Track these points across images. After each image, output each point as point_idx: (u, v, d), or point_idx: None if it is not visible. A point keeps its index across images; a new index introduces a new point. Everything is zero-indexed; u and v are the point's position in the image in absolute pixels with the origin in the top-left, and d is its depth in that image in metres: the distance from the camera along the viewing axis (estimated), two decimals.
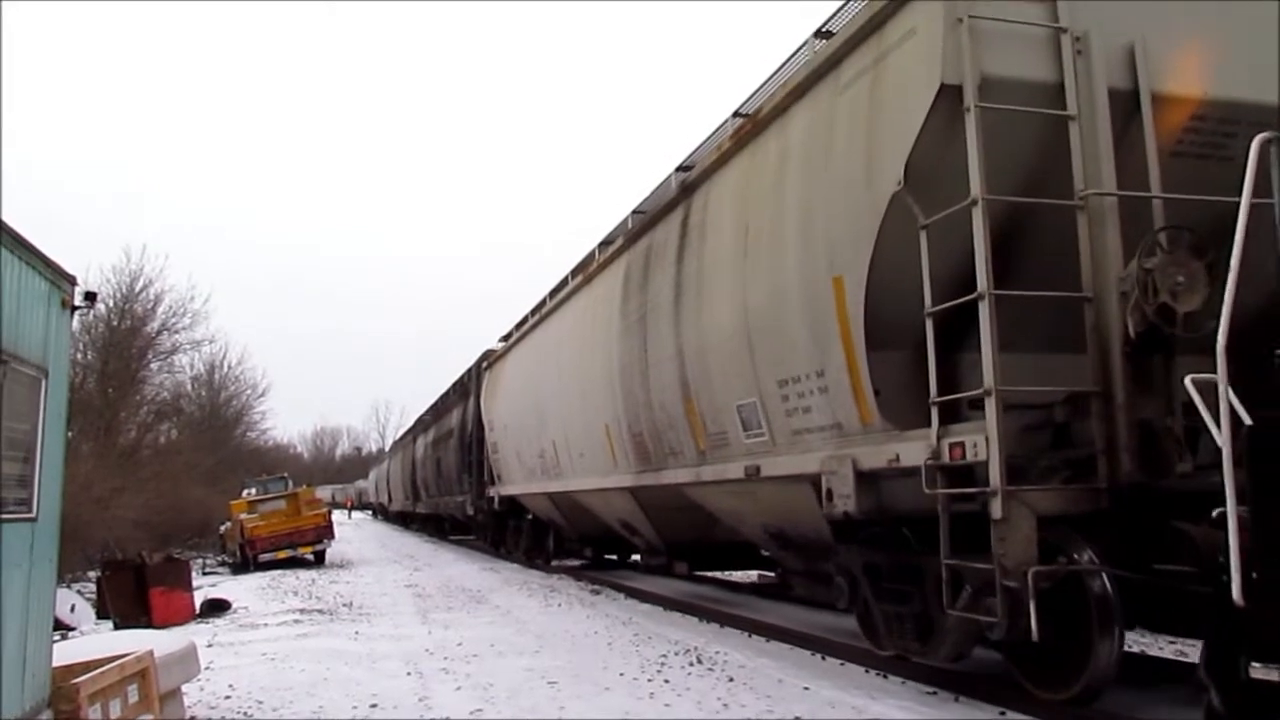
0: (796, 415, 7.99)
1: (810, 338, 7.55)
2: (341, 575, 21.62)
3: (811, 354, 7.56)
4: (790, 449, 8.21)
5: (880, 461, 6.88)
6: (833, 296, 7.11)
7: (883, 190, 6.54)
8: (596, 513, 15.78)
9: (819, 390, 7.54)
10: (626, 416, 12.26)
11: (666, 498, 12.02)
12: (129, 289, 32.00)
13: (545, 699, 7.71)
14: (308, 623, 13.43)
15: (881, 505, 7.16)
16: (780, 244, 7.99)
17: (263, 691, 8.43)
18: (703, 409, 9.81)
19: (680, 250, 10.27)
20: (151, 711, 6.44)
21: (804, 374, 7.71)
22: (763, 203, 8.39)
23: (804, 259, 7.60)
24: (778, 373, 8.11)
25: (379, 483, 60.79)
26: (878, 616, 7.58)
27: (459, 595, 16.17)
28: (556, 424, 15.95)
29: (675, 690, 7.85)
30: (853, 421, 7.21)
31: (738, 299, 8.72)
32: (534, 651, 10.01)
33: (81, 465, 20.19)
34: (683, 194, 10.59)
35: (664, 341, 10.60)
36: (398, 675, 9.00)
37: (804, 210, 7.63)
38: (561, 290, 16.65)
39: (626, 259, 12.62)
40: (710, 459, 9.94)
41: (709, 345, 9.41)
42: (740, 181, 9.06)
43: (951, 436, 6.18)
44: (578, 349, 14.67)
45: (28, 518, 5.50)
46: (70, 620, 13.34)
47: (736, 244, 8.83)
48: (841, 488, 7.19)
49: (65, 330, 6.23)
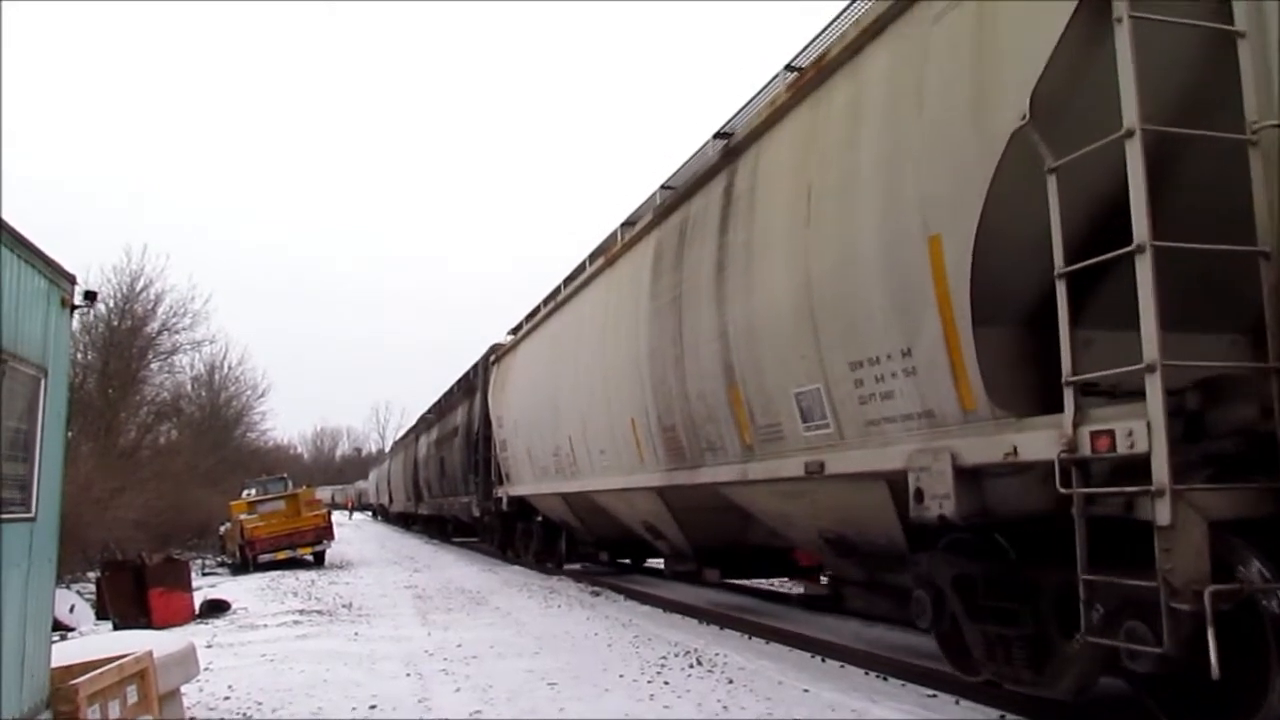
0: (872, 403, 6.65)
1: (894, 310, 6.24)
2: (341, 576, 20.98)
3: (895, 330, 6.24)
4: (863, 442, 6.88)
5: (991, 455, 5.56)
6: (927, 260, 5.82)
7: (997, 130, 5.30)
8: (617, 515, 14.15)
9: (904, 372, 6.22)
10: (656, 409, 10.75)
11: (700, 499, 10.60)
12: (129, 289, 31.41)
13: (545, 700, 7.48)
14: (307, 624, 13.01)
15: (986, 507, 5.85)
16: (853, 204, 6.67)
17: (262, 692, 8.18)
18: (750, 398, 8.37)
19: (723, 221, 8.86)
20: (151, 712, 6.30)
21: (884, 354, 6.39)
22: (830, 159, 7.08)
23: (887, 219, 6.28)
24: (849, 354, 6.77)
25: (379, 483, 58.87)
26: (973, 638, 6.29)
27: (459, 597, 15.67)
28: (573, 419, 14.29)
29: (675, 692, 7.60)
30: (950, 408, 5.89)
31: (798, 270, 7.34)
32: (534, 653, 9.72)
33: (81, 465, 19.78)
34: (726, 159, 9.17)
35: (703, 323, 9.18)
36: (397, 676, 8.75)
37: (887, 163, 6.34)
38: (579, 276, 14.93)
39: (656, 236, 11.10)
40: (759, 455, 8.50)
41: (760, 325, 8.02)
42: (799, 138, 7.67)
43: (1095, 423, 4.86)
44: (599, 337, 13.02)
45: (26, 518, 5.36)
46: (69, 621, 12.97)
47: (796, 208, 7.45)
48: (936, 487, 5.89)
49: (65, 329, 6.08)
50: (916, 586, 6.76)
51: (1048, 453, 5.07)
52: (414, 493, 37.60)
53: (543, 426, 16.10)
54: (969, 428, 5.75)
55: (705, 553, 12.00)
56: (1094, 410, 4.97)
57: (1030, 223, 5.26)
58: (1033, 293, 5.47)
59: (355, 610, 14.36)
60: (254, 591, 17.68)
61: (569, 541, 18.49)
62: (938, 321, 5.80)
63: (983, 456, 5.61)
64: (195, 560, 23.70)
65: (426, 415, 36.52)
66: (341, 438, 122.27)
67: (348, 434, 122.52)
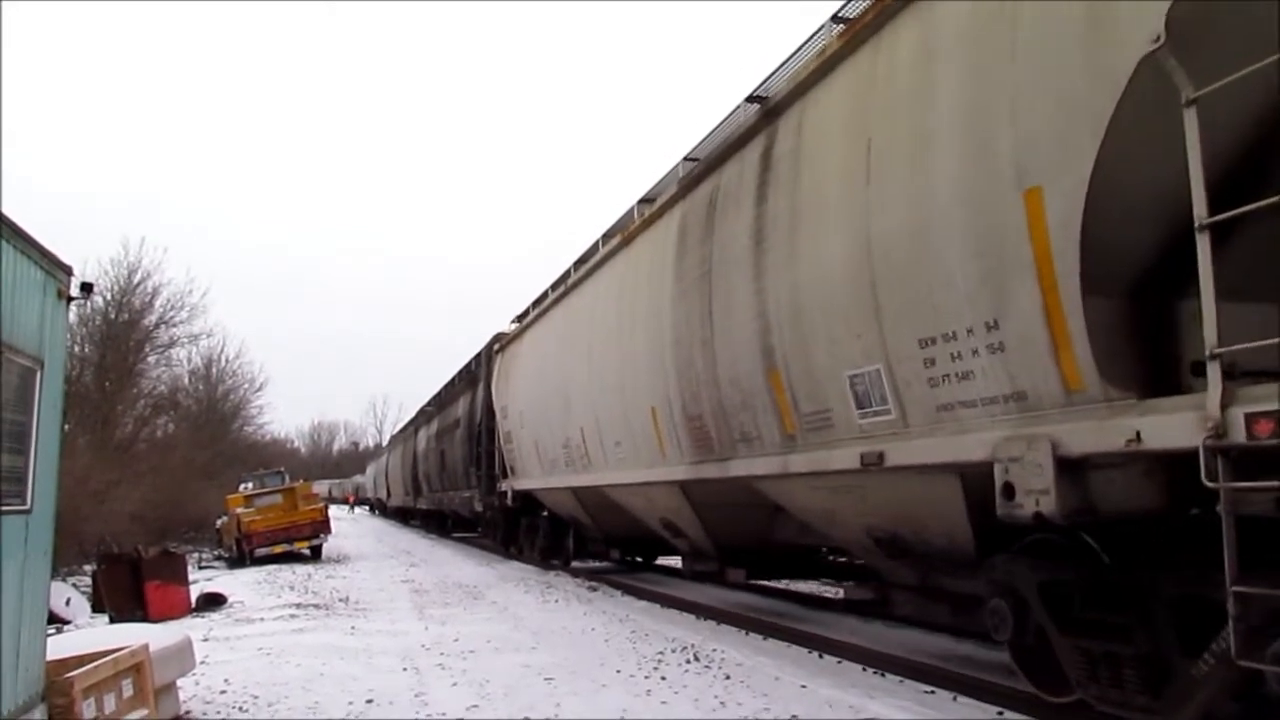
0: (946, 384, 5.75)
1: (978, 278, 5.34)
2: (338, 570, 20.59)
3: (979, 300, 5.35)
4: (933, 430, 5.96)
5: (1105, 443, 4.66)
6: (1023, 217, 4.95)
7: (1119, 57, 4.43)
8: (632, 511, 13.00)
9: (988, 349, 5.33)
10: (681, 397, 9.72)
11: (729, 494, 9.66)
12: (126, 282, 30.95)
13: (542, 696, 7.33)
14: (304, 617, 12.81)
15: (1091, 504, 4.98)
16: (926, 158, 5.76)
17: (258, 686, 8.06)
18: (793, 382, 7.45)
19: (761, 188, 7.91)
20: (146, 706, 6.29)
21: (962, 328, 5.50)
22: (895, 110, 6.17)
23: (971, 172, 5.38)
24: (917, 329, 5.87)
25: (377, 477, 58.07)
26: (1067, 655, 5.40)
27: (456, 591, 15.38)
28: (585, 409, 13.16)
29: (672, 688, 7.49)
30: (1049, 388, 5.01)
31: (855, 237, 6.43)
32: (531, 648, 9.57)
33: (78, 458, 19.42)
34: (764, 120, 8.17)
35: (738, 301, 8.21)
36: (394, 671, 8.62)
37: (970, 108, 5.46)
38: (591, 257, 13.73)
39: (681, 210, 10.04)
40: (802, 445, 7.57)
41: (807, 300, 7.10)
42: (855, 90, 6.75)
43: (1250, 403, 4.01)
44: (615, 321, 11.89)
45: (22, 510, 5.29)
46: (65, 614, 12.84)
47: (852, 167, 6.53)
48: (1031, 480, 5.02)
49: (61, 321, 5.98)
50: (991, 594, 5.90)
51: (1185, 440, 4.20)
52: (412, 487, 36.53)
53: (551, 417, 15.03)
54: (1074, 412, 4.89)
55: (728, 551, 10.97)
56: (1246, 390, 4.11)
57: (1151, 170, 4.50)
58: (1147, 254, 4.71)
59: (352, 604, 14.12)
60: (250, 585, 17.37)
61: (577, 538, 17.53)
62: (1035, 288, 4.96)
63: (1093, 445, 4.74)
64: (192, 554, 23.32)
65: (426, 408, 35.38)
66: (339, 432, 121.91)
67: (345, 428, 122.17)
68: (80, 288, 6.28)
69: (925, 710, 6.42)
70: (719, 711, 6.65)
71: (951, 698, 6.75)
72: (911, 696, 6.84)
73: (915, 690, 7.06)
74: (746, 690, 7.24)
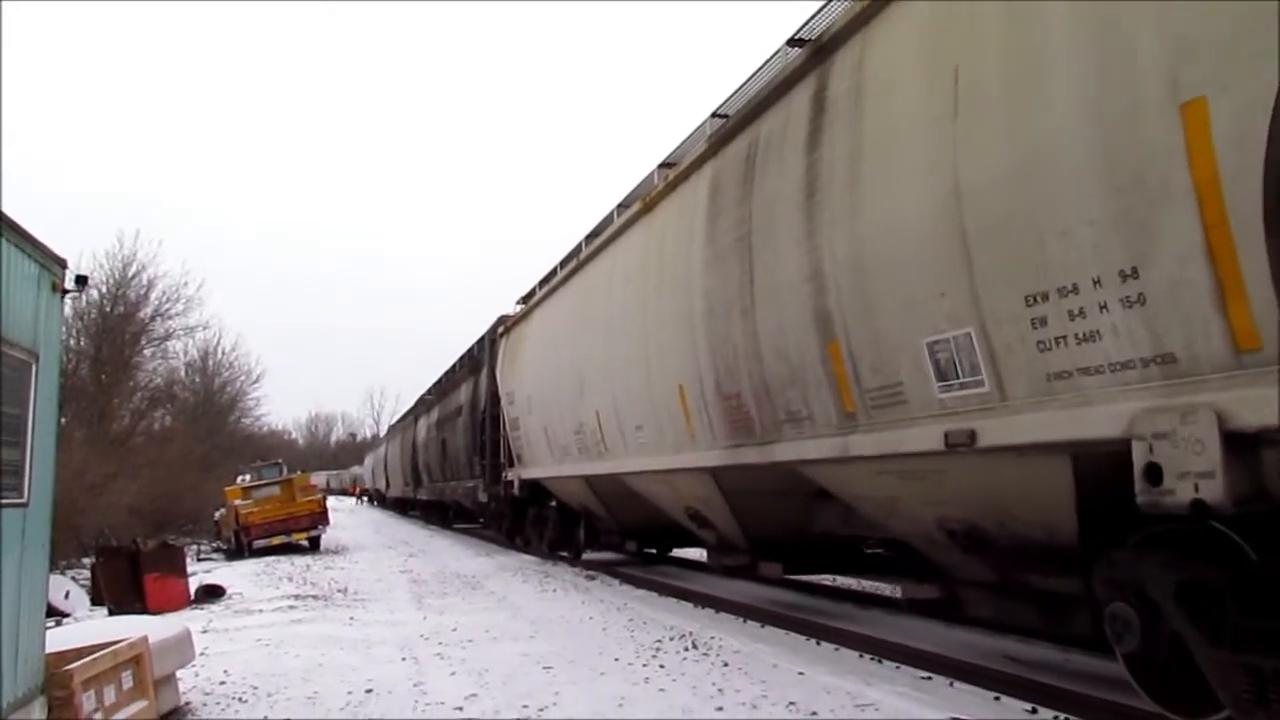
0: (1062, 348, 4.79)
1: (1111, 216, 4.39)
2: (336, 561, 20.30)
3: (1109, 243, 4.41)
4: (1043, 403, 4.98)
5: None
6: (1179, 137, 4.05)
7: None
8: (653, 501, 11.88)
9: (1123, 302, 4.40)
10: (714, 373, 8.65)
11: (765, 481, 8.66)
12: (122, 274, 30.40)
13: (540, 684, 7.25)
14: (302, 608, 12.64)
15: (1264, 488, 4.11)
16: (1038, 79, 4.81)
17: (257, 677, 7.98)
18: (855, 352, 6.44)
19: (813, 134, 6.92)
20: (146, 698, 6.25)
21: (1087, 279, 4.56)
22: (989, 30, 5.21)
23: (1102, 89, 4.44)
24: (1024, 284, 4.92)
25: (375, 468, 57.34)
26: (1219, 670, 4.50)
27: (454, 581, 15.11)
28: (602, 391, 12.00)
29: (670, 675, 7.39)
30: (1210, 348, 4.09)
31: (939, 180, 5.43)
32: (529, 637, 9.45)
33: (75, 451, 19.03)
34: (813, 60, 7.16)
35: (785, 263, 7.20)
36: (393, 661, 8.53)
37: (1101, 14, 4.58)
38: (605, 230, 12.57)
39: (712, 169, 8.97)
40: (865, 425, 6.53)
41: (873, 257, 6.10)
42: (933, 13, 5.78)
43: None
44: (636, 294, 10.79)
45: (19, 503, 5.22)
46: (64, 607, 12.70)
47: (933, 101, 5.56)
48: (1188, 461, 4.16)
49: (56, 314, 5.89)
50: (1109, 597, 5.04)
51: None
52: (412, 477, 35.50)
53: (563, 401, 13.88)
54: (1246, 377, 3.95)
55: (761, 544, 9.89)
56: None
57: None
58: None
59: (350, 595, 13.88)
60: (249, 577, 17.07)
61: (588, 529, 16.51)
62: (1195, 223, 4.02)
63: (1275, 416, 3.83)
64: (190, 546, 22.89)
65: (426, 396, 34.30)
66: (336, 423, 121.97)
67: (342, 419, 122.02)
68: (75, 281, 6.19)
69: (923, 696, 6.34)
70: (717, 698, 6.55)
71: (948, 683, 6.69)
72: (909, 682, 6.76)
73: (912, 676, 7.00)
74: (744, 677, 7.15)
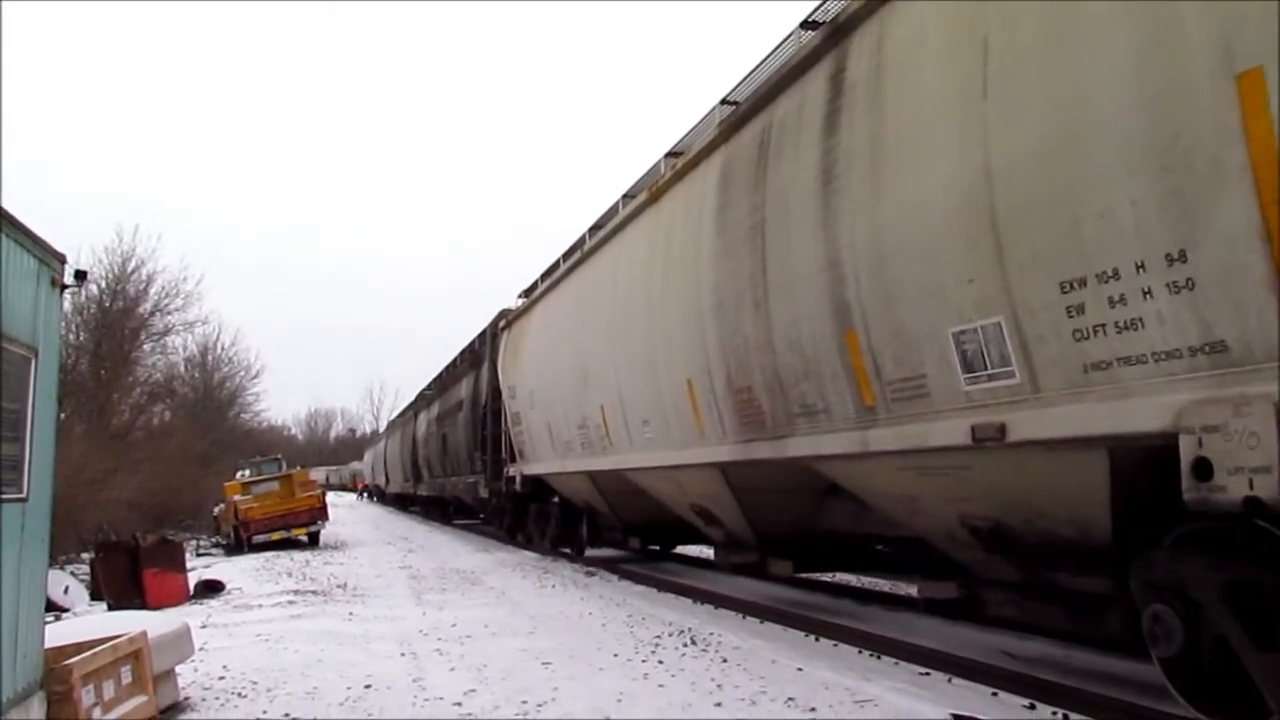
0: (1100, 337, 4.59)
1: (1156, 197, 4.23)
2: (335, 557, 20.43)
3: (1153, 226, 4.25)
4: (1079, 394, 4.77)
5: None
6: (1236, 110, 3.88)
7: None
8: (658, 498, 11.65)
9: (1169, 287, 4.21)
10: (725, 366, 8.41)
11: (776, 477, 8.53)
12: (121, 269, 30.47)
13: (539, 680, 7.27)
14: (302, 604, 12.71)
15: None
16: (1073, 54, 4.63)
17: (257, 672, 8.00)
18: (875, 344, 6.19)
19: (830, 117, 6.69)
20: (145, 693, 6.26)
21: (1129, 264, 4.37)
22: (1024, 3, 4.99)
23: (1147, 62, 4.27)
24: (1059, 269, 4.72)
25: (375, 464, 57.19)
26: (1263, 674, 4.34)
27: (453, 577, 15.21)
28: (606, 386, 11.72)
29: (669, 671, 7.41)
30: (1264, 336, 3.92)
31: (967, 162, 5.22)
32: (528, 633, 9.48)
33: (75, 446, 19.12)
34: (830, 41, 6.89)
35: (800, 252, 6.98)
36: (392, 656, 8.56)
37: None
38: (609, 221, 12.30)
39: (722, 156, 8.68)
40: (886, 419, 6.27)
41: (895, 244, 5.87)
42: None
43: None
44: (642, 286, 10.54)
45: (18, 498, 5.25)
46: (64, 601, 12.76)
47: (961, 79, 5.34)
48: (1241, 455, 3.96)
49: (55, 309, 5.94)
50: (1148, 598, 4.87)
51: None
52: (412, 473, 35.39)
53: (566, 396, 13.59)
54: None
55: (770, 541, 9.64)
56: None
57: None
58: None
59: (350, 590, 13.98)
60: (248, 572, 17.16)
61: (591, 525, 16.28)
62: (1250, 202, 3.85)
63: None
64: (189, 541, 23.16)
65: (425, 391, 34.11)
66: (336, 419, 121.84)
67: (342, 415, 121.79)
68: (74, 275, 6.22)
69: (921, 691, 6.36)
70: (716, 694, 6.57)
71: (946, 680, 6.72)
72: (907, 679, 6.80)
73: (910, 672, 7.03)
74: (743, 673, 7.18)
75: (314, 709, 6.69)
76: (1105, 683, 6.33)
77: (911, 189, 5.71)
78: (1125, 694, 5.99)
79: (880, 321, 6.12)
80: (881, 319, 6.11)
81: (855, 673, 7.00)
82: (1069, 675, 6.66)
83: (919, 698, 6.20)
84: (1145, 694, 5.97)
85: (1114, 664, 6.99)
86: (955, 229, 5.33)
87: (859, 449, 6.61)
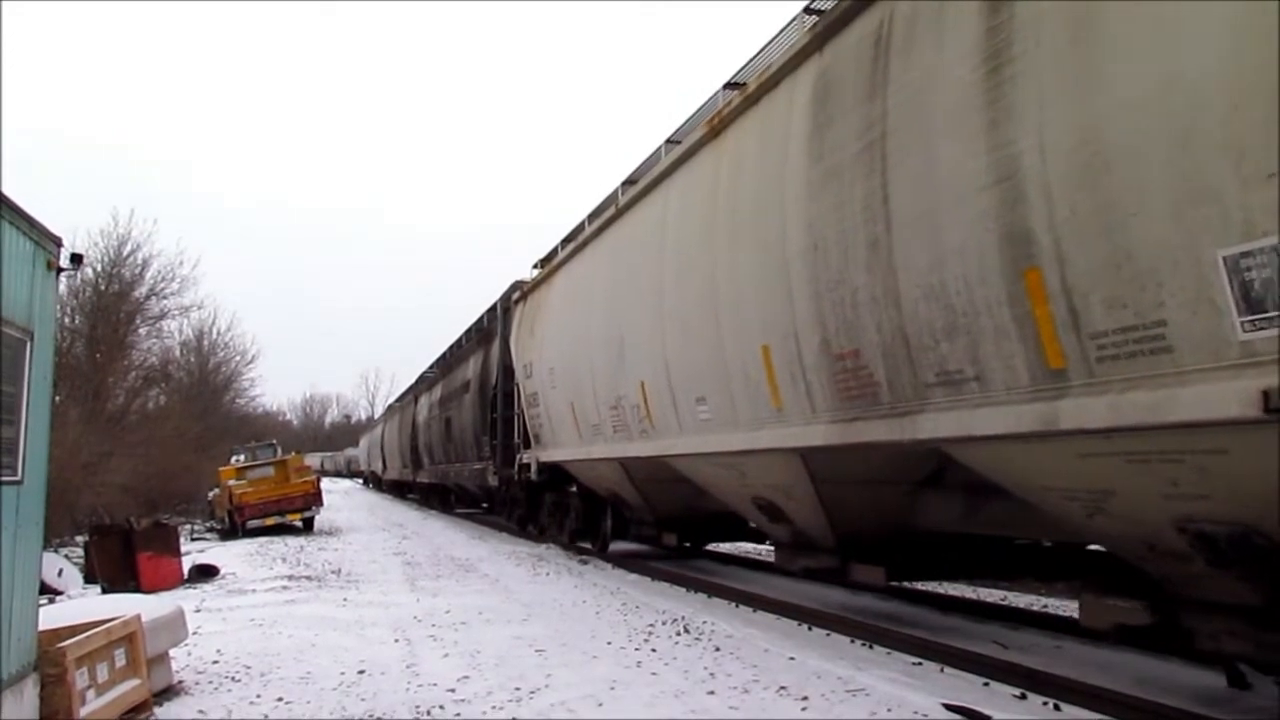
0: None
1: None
2: (330, 543, 20.49)
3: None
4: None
5: None
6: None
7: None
8: (707, 487, 10.11)
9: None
10: (821, 326, 6.81)
11: (876, 466, 7.22)
12: (116, 253, 30.48)
13: (532, 667, 7.31)
14: (296, 589, 12.75)
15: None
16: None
17: (250, 657, 8.05)
18: (1074, 283, 4.56)
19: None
20: (139, 676, 6.28)
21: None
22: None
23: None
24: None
25: (371, 449, 56.17)
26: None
27: (447, 564, 15.28)
28: (648, 358, 10.13)
29: (662, 659, 7.47)
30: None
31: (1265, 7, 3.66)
32: (522, 620, 9.53)
33: (69, 430, 19.27)
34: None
35: (949, 169, 5.37)
36: (385, 642, 8.60)
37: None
38: (651, 169, 10.66)
39: (815, 68, 7.05)
40: (1084, 385, 4.62)
41: (1122, 142, 4.29)
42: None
43: None
44: (698, 238, 8.85)
45: (13, 481, 5.28)
46: (58, 585, 12.77)
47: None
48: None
49: (50, 292, 5.92)
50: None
51: None
52: (412, 459, 33.99)
53: (596, 372, 11.95)
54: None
55: (852, 543, 8.10)
56: None
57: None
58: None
59: (344, 576, 14.02)
60: (242, 557, 17.23)
61: (616, 518, 14.57)
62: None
63: None
64: (184, 525, 23.19)
65: (427, 373, 32.50)
66: (331, 405, 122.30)
67: (337, 401, 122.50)
68: (70, 259, 6.24)
69: (913, 681, 6.44)
70: (709, 682, 6.64)
71: (938, 669, 6.81)
72: (899, 668, 6.88)
73: (903, 661, 7.12)
74: (736, 662, 7.25)
75: (307, 693, 6.74)
76: (1096, 672, 6.42)
77: (1156, 60, 4.16)
78: (1111, 683, 6.03)
79: (1088, 251, 4.51)
80: (1090, 248, 4.49)
81: (847, 662, 7.07)
82: (1061, 665, 6.72)
83: (911, 687, 6.25)
84: (1139, 685, 6.03)
85: (1109, 655, 7.04)
86: (1241, 103, 3.79)
87: (1040, 427, 4.89)
